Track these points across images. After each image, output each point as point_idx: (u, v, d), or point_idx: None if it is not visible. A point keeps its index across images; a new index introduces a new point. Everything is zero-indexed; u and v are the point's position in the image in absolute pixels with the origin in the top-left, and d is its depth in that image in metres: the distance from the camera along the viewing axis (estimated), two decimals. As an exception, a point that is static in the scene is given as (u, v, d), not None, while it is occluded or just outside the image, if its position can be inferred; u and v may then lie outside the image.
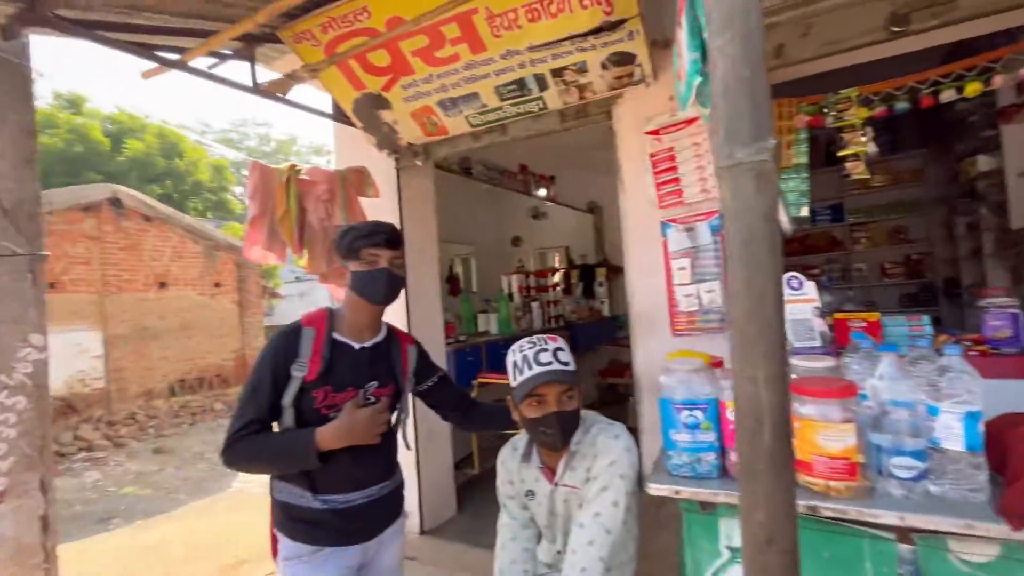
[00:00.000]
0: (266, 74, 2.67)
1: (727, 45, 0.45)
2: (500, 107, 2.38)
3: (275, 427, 1.24)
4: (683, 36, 0.98)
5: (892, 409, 0.95)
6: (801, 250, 5.02)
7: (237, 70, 2.39)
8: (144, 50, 1.96)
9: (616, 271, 6.06)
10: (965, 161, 3.63)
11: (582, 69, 2.12)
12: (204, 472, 6.09)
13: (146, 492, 5.42)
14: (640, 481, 1.22)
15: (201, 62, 2.15)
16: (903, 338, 1.78)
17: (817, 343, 1.30)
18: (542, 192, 5.19)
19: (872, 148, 2.11)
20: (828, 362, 1.14)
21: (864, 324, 1.80)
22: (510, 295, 4.50)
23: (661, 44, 2.13)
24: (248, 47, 2.26)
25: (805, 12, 1.93)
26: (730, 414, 1.09)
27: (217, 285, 9.25)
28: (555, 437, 1.21)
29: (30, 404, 1.81)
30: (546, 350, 1.23)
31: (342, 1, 1.94)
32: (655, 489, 1.14)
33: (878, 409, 0.98)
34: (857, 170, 2.14)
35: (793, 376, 1.13)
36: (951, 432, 0.91)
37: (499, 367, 3.66)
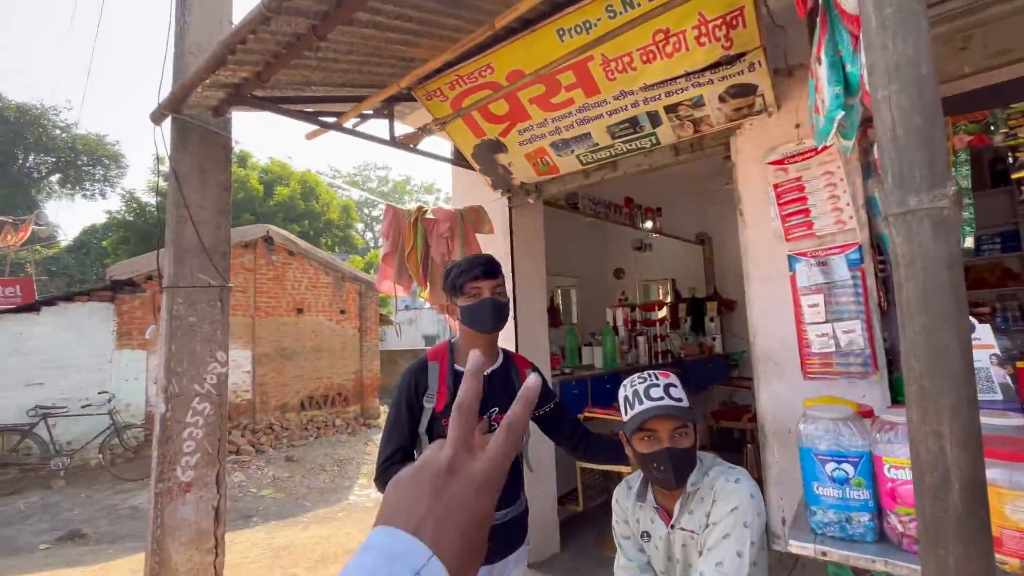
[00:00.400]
0: (399, 128, 3.03)
1: (895, 95, 0.45)
2: (611, 145, 2.44)
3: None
4: (822, 71, 0.95)
5: (1114, 482, 0.79)
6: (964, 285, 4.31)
7: (375, 126, 2.76)
8: (311, 117, 2.35)
9: (729, 305, 5.68)
10: None
11: (698, 104, 2.10)
12: (325, 483, 6.68)
13: (279, 496, 6.08)
14: (767, 534, 1.13)
15: (348, 121, 2.51)
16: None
17: (997, 396, 1.12)
18: (648, 224, 5.10)
19: (1059, 168, 1.81)
20: (1015, 419, 0.98)
21: (1060, 376, 1.51)
22: (615, 328, 4.43)
23: (785, 72, 2.05)
24: (387, 106, 2.59)
25: (963, 24, 1.74)
26: (889, 471, 0.97)
27: (342, 312, 10.30)
28: (668, 475, 1.17)
29: (213, 410, 2.18)
30: (657, 385, 1.21)
31: (469, 61, 2.16)
32: (796, 547, 1.05)
33: (1092, 481, 0.82)
34: (1039, 194, 1.83)
35: (968, 433, 0.99)
36: None
37: (605, 402, 3.60)
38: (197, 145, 2.27)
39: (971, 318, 1.17)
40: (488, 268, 1.37)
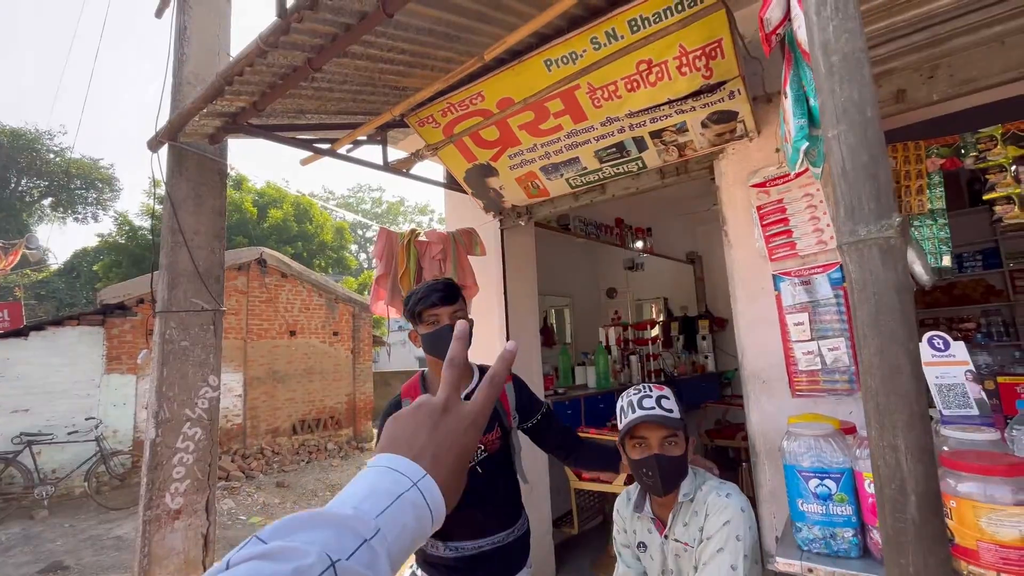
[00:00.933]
0: (392, 152, 3.09)
1: (843, 134, 0.49)
2: (600, 168, 2.50)
3: None
4: (788, 104, 1.01)
5: (1081, 494, 0.82)
6: (948, 301, 4.40)
7: (369, 151, 2.82)
8: (305, 143, 2.40)
9: (720, 323, 5.73)
10: None
11: (681, 129, 2.18)
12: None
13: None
14: (759, 549, 1.15)
15: (342, 147, 2.57)
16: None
17: (973, 411, 1.15)
18: (639, 244, 5.17)
19: (1028, 189, 1.89)
20: (989, 434, 1.01)
21: (1039, 390, 1.55)
22: (608, 348, 4.45)
23: (763, 100, 2.13)
24: (380, 132, 2.66)
25: (929, 55, 1.83)
26: (870, 487, 1.00)
27: (335, 334, 10.25)
28: (656, 480, 1.23)
29: (204, 435, 2.16)
30: (650, 396, 1.29)
31: (460, 89, 2.23)
32: (783, 564, 1.06)
33: (1061, 493, 0.85)
34: (1010, 214, 1.90)
35: (944, 448, 1.02)
36: None
37: (598, 422, 3.60)
38: (193, 171, 2.30)
39: (945, 335, 1.21)
40: (445, 294, 1.33)
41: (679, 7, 1.73)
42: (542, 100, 2.18)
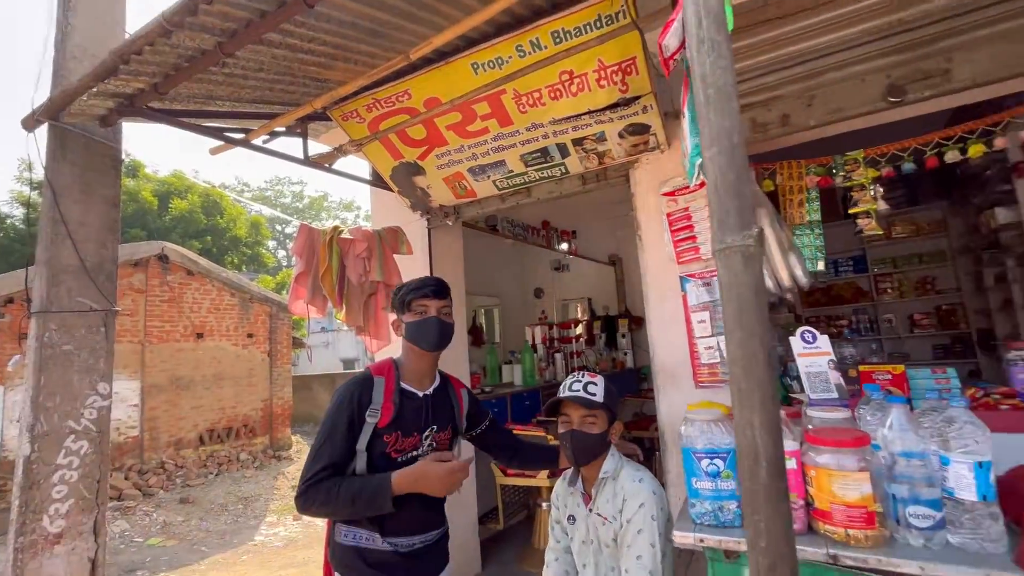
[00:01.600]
0: (314, 146, 2.96)
1: (715, 156, 0.58)
2: (525, 172, 2.58)
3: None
4: (686, 123, 1.13)
5: (903, 459, 1.00)
6: (826, 301, 5.00)
7: (288, 143, 2.69)
8: (214, 132, 2.25)
9: (638, 322, 6.09)
10: (985, 213, 3.67)
11: (601, 138, 2.31)
12: (227, 524, 6.09)
13: (171, 543, 5.44)
14: (672, 528, 1.29)
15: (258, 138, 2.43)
16: (930, 391, 1.80)
17: (833, 395, 1.35)
18: (564, 246, 5.37)
19: (882, 206, 2.21)
20: (842, 413, 1.19)
21: (889, 376, 1.84)
22: (534, 346, 4.57)
23: (673, 115, 2.32)
24: (301, 124, 2.55)
25: (807, 86, 2.10)
26: (748, 463, 1.14)
27: (250, 336, 9.57)
28: (570, 453, 1.43)
29: (91, 448, 1.95)
30: (579, 381, 1.45)
31: (387, 85, 2.20)
32: (679, 537, 1.18)
33: (891, 459, 1.03)
34: (869, 227, 2.22)
35: (809, 427, 1.18)
36: (963, 481, 0.94)
37: (524, 418, 3.69)
38: (80, 155, 2.07)
39: (813, 330, 1.40)
40: (437, 288, 1.42)
41: (598, 24, 1.84)
42: (469, 102, 2.21)
